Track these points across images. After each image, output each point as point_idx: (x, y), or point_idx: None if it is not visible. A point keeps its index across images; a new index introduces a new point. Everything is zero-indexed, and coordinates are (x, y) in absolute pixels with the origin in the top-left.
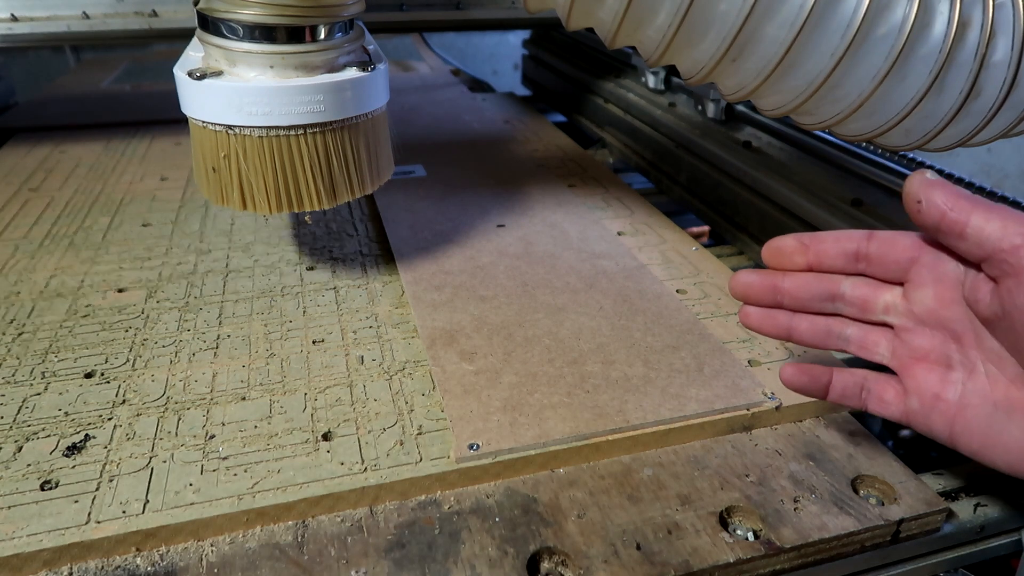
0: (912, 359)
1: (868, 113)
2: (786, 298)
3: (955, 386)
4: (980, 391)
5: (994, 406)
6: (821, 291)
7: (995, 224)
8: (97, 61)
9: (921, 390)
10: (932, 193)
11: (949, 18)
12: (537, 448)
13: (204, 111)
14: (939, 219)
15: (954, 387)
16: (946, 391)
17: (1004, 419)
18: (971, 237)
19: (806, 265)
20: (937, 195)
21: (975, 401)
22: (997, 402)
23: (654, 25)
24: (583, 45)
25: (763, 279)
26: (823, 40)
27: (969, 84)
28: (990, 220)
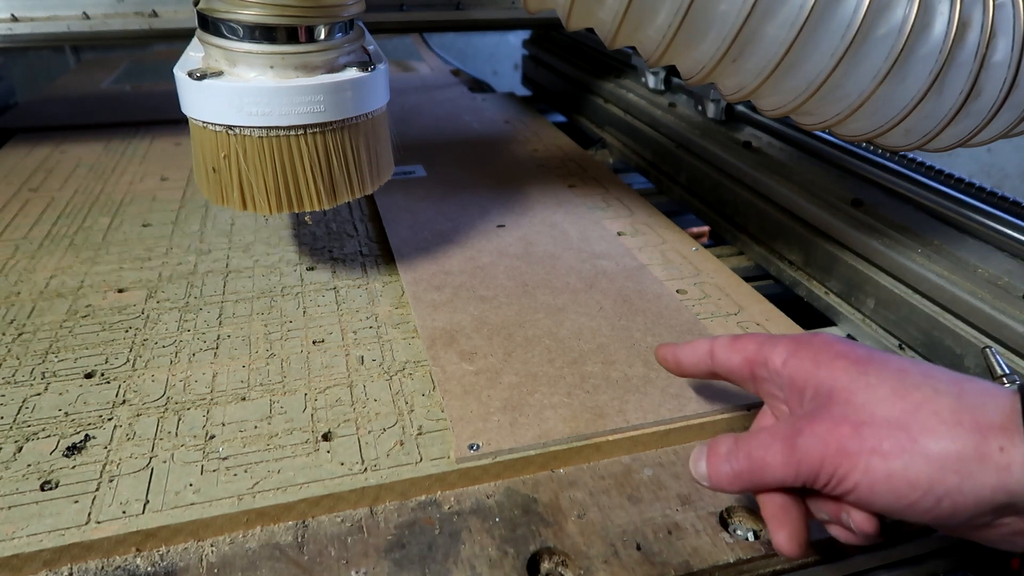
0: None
1: (868, 113)
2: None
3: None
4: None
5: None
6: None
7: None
8: (97, 61)
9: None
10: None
11: (949, 18)
12: (537, 448)
13: (204, 111)
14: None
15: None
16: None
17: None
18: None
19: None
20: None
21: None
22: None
23: (654, 25)
24: (583, 45)
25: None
26: (823, 40)
27: (969, 84)
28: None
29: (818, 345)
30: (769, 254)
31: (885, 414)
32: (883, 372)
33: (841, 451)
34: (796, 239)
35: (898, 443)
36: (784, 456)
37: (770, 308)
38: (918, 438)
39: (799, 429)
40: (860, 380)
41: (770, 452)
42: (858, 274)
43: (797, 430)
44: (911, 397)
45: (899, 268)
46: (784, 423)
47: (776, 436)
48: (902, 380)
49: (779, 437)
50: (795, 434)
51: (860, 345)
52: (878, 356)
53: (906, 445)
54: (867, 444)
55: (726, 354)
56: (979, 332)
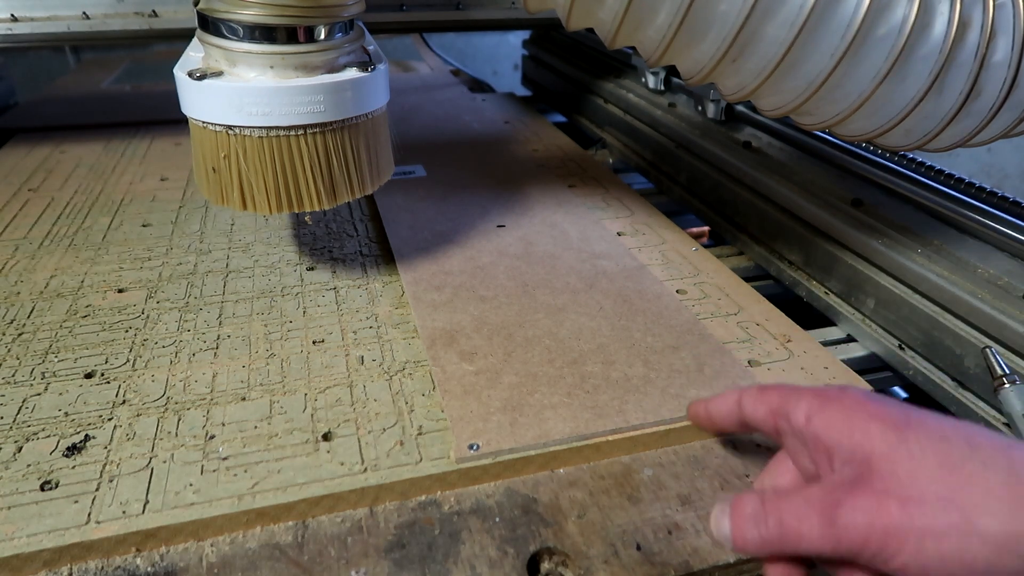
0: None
1: (868, 113)
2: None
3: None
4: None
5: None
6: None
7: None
8: (97, 61)
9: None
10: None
11: (949, 18)
12: (537, 448)
13: (204, 111)
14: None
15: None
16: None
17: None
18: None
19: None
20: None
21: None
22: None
23: (654, 25)
24: (583, 45)
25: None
26: (823, 40)
27: (969, 84)
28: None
29: (849, 404)
30: (769, 254)
31: (935, 491)
32: (925, 441)
33: (888, 530)
34: (796, 239)
35: (951, 523)
36: (822, 530)
37: (770, 308)
38: (973, 518)
39: (838, 501)
40: (901, 449)
41: (805, 523)
42: (858, 274)
43: (836, 501)
44: (961, 471)
45: (899, 268)
46: (820, 490)
47: (813, 506)
48: (947, 451)
49: (816, 508)
50: (834, 505)
51: (893, 403)
52: (915, 419)
53: (960, 525)
54: (917, 523)
55: (752, 405)
56: (979, 332)
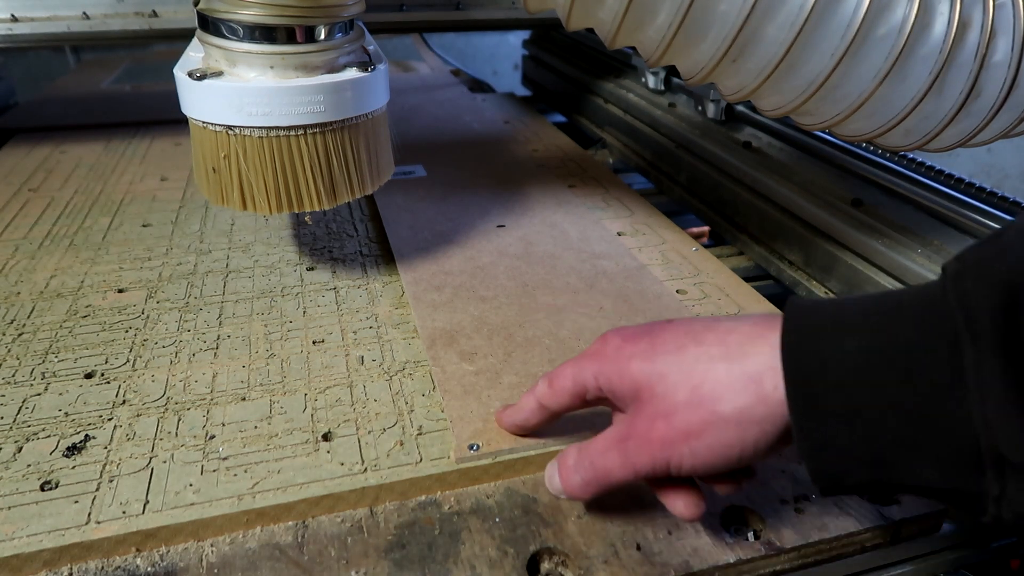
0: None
1: (868, 113)
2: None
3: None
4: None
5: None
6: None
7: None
8: (97, 61)
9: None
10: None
11: (949, 19)
12: (537, 448)
13: (204, 111)
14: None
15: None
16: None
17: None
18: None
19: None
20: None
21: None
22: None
23: (654, 25)
24: (583, 45)
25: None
26: (823, 40)
27: (969, 84)
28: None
29: (612, 354)
30: (769, 254)
31: (683, 398)
32: (668, 357)
33: (665, 444)
34: (796, 239)
35: (702, 419)
36: (620, 460)
37: (770, 308)
38: (714, 408)
39: (625, 434)
40: (653, 373)
41: (608, 458)
42: (858, 274)
43: (624, 435)
44: (694, 374)
45: (899, 268)
46: (613, 429)
47: (610, 442)
48: (683, 359)
49: (613, 443)
50: (624, 439)
51: (643, 332)
52: (659, 341)
53: (708, 418)
54: (680, 429)
55: (554, 399)
56: None
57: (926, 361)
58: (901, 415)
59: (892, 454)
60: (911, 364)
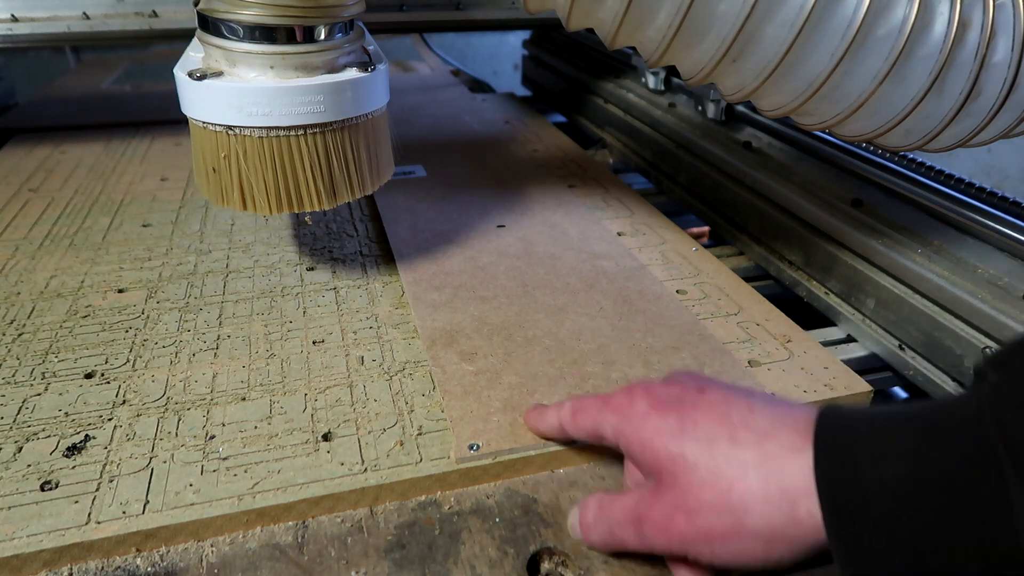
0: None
1: (868, 114)
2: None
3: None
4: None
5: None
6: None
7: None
8: (97, 61)
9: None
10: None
11: (949, 19)
12: (537, 449)
13: (204, 111)
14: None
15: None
16: None
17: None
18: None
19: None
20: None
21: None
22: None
23: (654, 26)
24: (583, 45)
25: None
26: (823, 41)
27: (969, 85)
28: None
29: (637, 420)
30: (769, 254)
31: (709, 499)
32: (696, 448)
33: (684, 540)
34: (796, 239)
35: (727, 527)
36: (636, 540)
37: (770, 308)
38: (742, 520)
39: (643, 515)
40: (679, 460)
41: (625, 533)
42: (858, 274)
43: (642, 516)
44: (724, 476)
45: (899, 268)
46: (632, 502)
47: (627, 517)
48: (714, 454)
49: (629, 519)
50: (641, 520)
51: (672, 403)
52: (689, 423)
53: (735, 529)
54: (703, 531)
55: (573, 429)
56: (979, 332)
57: (970, 493)
58: (946, 548)
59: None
60: (954, 497)
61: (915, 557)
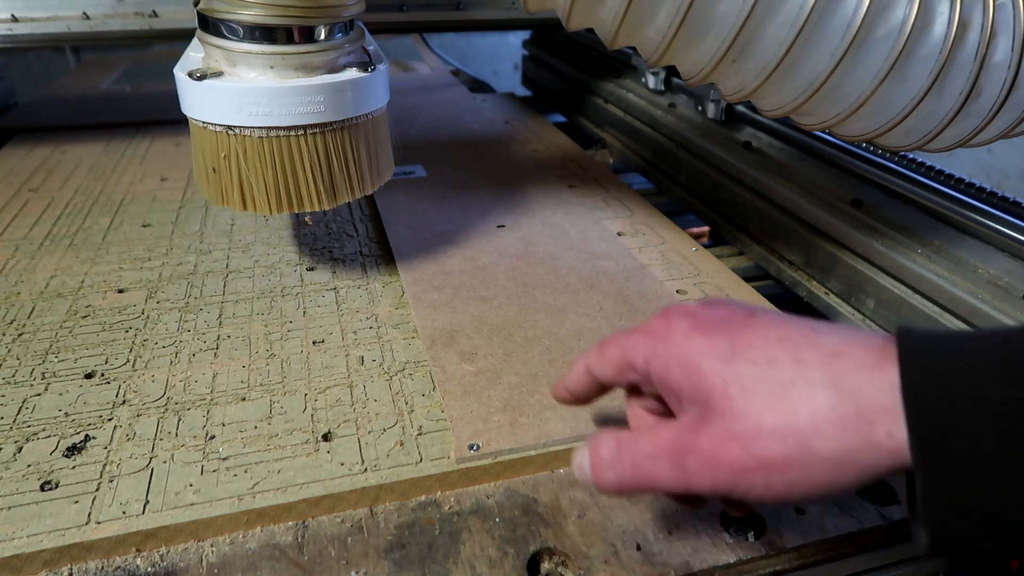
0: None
1: (868, 114)
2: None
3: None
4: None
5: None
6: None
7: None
8: (97, 62)
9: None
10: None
11: (949, 19)
12: (537, 448)
13: (204, 111)
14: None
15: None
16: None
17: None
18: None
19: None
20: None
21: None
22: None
23: (654, 26)
24: (583, 45)
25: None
26: (823, 41)
27: (969, 85)
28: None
29: (678, 342)
30: (769, 254)
31: (770, 422)
32: (754, 369)
33: (736, 471)
34: (796, 239)
35: (790, 452)
36: (674, 473)
37: (770, 308)
38: (808, 444)
39: (687, 446)
40: (733, 383)
41: (658, 467)
42: (858, 274)
43: (685, 447)
44: (790, 396)
45: (899, 268)
46: (670, 432)
47: (662, 449)
48: (775, 376)
49: (666, 451)
50: (683, 451)
51: (720, 323)
52: (743, 342)
53: (798, 454)
54: (760, 459)
55: (599, 367)
56: None
57: None
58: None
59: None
60: None
61: (1015, 489)
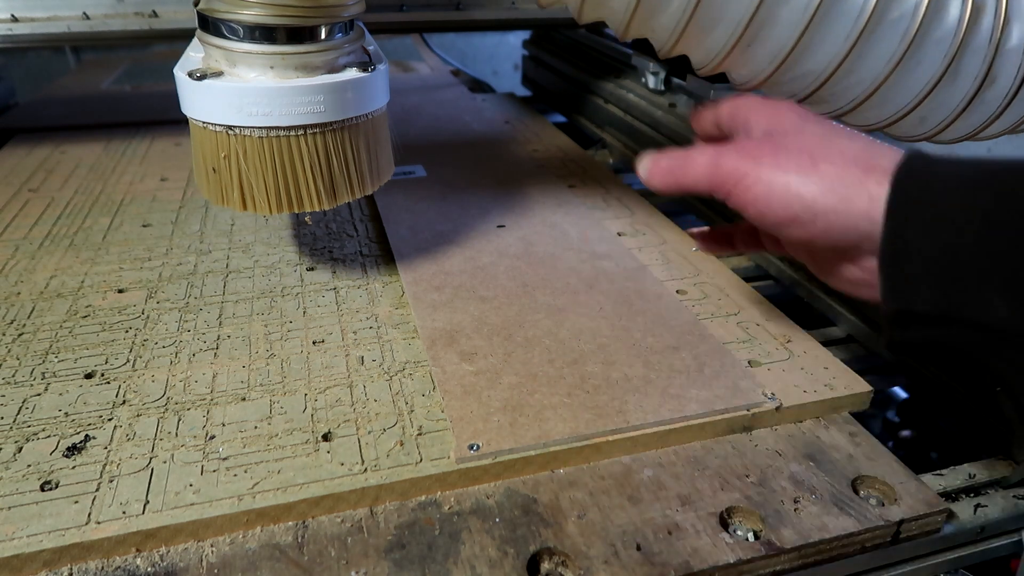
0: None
1: (882, 101)
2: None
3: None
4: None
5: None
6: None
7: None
8: (97, 62)
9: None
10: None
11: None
12: (537, 448)
13: (204, 111)
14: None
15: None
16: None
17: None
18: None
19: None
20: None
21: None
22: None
23: (667, 13)
24: (583, 46)
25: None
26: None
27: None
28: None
29: (776, 102)
30: (769, 254)
31: (803, 146)
32: (818, 124)
33: (753, 161)
34: None
35: (800, 164)
36: (709, 156)
37: (770, 308)
38: (818, 162)
39: (732, 145)
40: (798, 129)
41: (701, 154)
42: None
43: (726, 150)
44: (831, 140)
45: None
46: (720, 144)
47: (707, 151)
48: (831, 131)
49: (709, 152)
50: (725, 150)
51: (814, 114)
52: (825, 119)
53: (806, 166)
54: (777, 162)
55: (727, 109)
56: None
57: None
58: (989, 239)
59: (968, 277)
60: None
61: (958, 236)
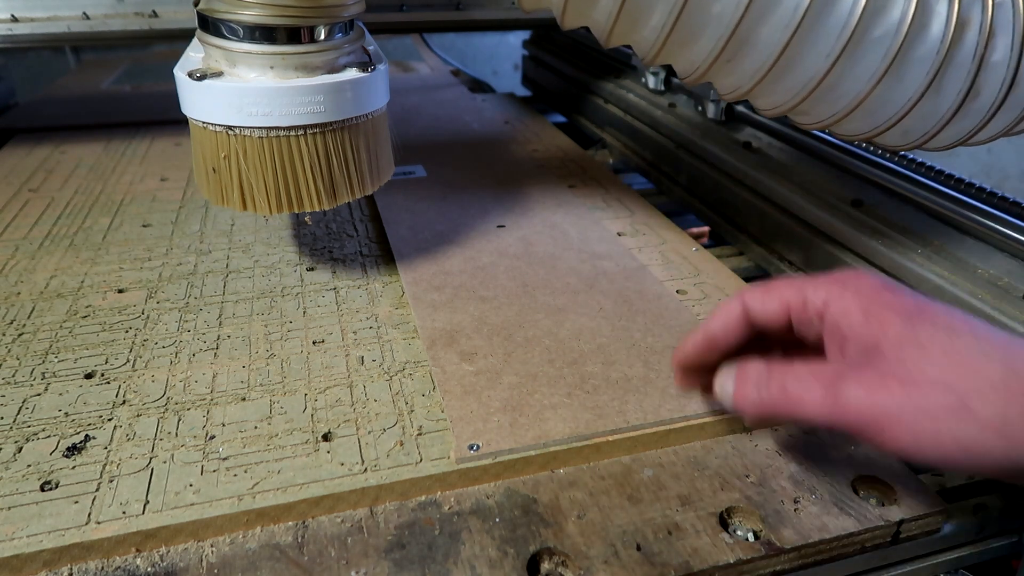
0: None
1: (865, 114)
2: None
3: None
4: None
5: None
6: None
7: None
8: (97, 62)
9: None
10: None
11: (947, 18)
12: (537, 449)
13: (204, 112)
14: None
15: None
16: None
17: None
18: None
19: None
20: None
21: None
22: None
23: (649, 25)
24: (583, 45)
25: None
26: (818, 41)
27: (968, 84)
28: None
29: (866, 292)
30: (769, 254)
31: (936, 375)
32: (933, 331)
33: (887, 407)
34: (796, 239)
35: (948, 404)
36: (823, 399)
37: None
38: (968, 401)
39: (843, 375)
40: (910, 337)
41: (809, 391)
42: None
43: (841, 375)
44: (963, 360)
45: (899, 268)
46: (828, 366)
47: (817, 376)
48: (952, 341)
49: (820, 378)
50: (838, 379)
51: (906, 292)
52: (928, 309)
53: (955, 408)
54: (915, 402)
55: (761, 302)
56: None
57: None
58: None
59: None
60: None
61: None
